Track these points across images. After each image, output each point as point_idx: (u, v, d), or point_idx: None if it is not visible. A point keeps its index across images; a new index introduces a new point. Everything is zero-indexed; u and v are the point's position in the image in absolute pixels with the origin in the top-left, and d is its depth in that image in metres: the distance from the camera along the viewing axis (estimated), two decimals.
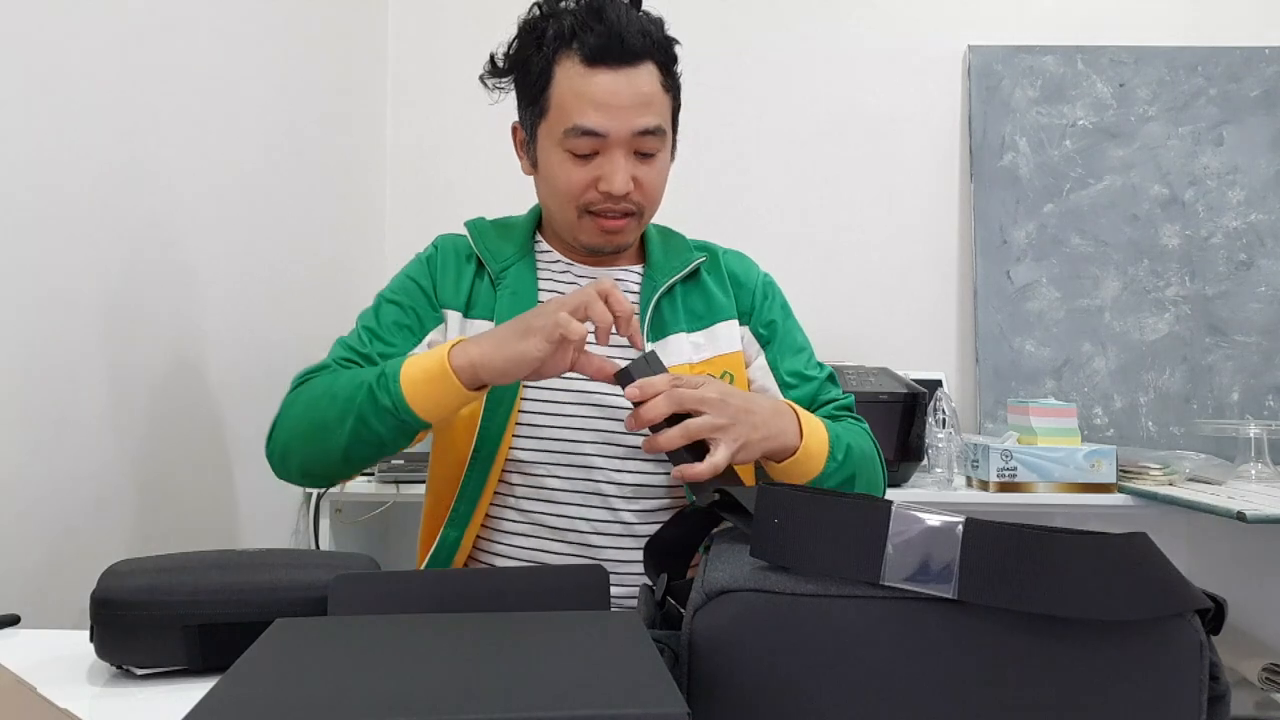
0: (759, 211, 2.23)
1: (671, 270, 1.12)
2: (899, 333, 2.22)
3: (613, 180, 1.01)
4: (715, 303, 1.12)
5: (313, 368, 1.04)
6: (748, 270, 1.18)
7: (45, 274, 1.03)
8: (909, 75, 2.27)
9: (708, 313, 1.11)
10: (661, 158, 1.06)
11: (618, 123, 1.00)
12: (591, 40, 0.99)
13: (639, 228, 1.09)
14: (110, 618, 0.67)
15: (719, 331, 1.11)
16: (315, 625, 0.53)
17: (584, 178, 1.03)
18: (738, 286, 1.15)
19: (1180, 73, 2.21)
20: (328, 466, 0.98)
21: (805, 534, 0.50)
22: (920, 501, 0.59)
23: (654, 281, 1.11)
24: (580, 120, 1.00)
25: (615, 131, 1.00)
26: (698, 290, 1.13)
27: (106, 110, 1.14)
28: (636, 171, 1.03)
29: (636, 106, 1.00)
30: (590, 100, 0.99)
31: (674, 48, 1.05)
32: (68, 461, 1.07)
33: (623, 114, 1.00)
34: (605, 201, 1.03)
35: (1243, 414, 2.10)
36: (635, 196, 1.04)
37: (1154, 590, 0.47)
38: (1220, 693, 0.49)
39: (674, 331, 1.09)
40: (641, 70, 1.01)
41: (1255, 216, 2.17)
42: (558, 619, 0.53)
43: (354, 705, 0.40)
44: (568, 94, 1.00)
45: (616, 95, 1.00)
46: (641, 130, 1.01)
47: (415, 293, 1.09)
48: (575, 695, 0.40)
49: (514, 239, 1.13)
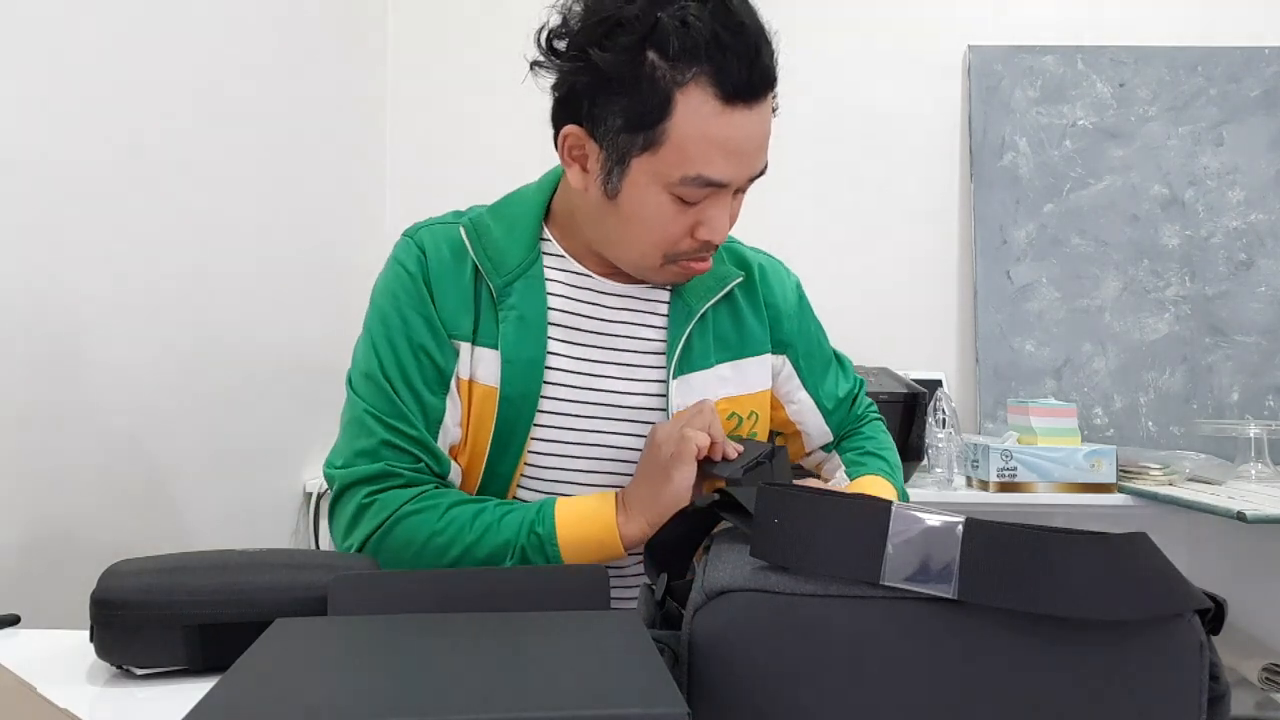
0: (758, 212, 2.23)
1: (706, 293, 0.97)
2: (899, 333, 2.22)
3: (717, 229, 0.87)
4: (749, 333, 1.00)
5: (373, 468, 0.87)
6: (781, 287, 1.05)
7: (45, 273, 1.03)
8: (909, 75, 2.27)
9: (739, 343, 1.00)
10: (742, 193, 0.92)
11: (743, 170, 0.85)
12: (735, 70, 0.79)
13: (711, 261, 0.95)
14: (110, 618, 0.67)
15: (749, 367, 1.00)
16: (315, 625, 0.53)
17: (686, 224, 0.87)
18: (773, 312, 1.03)
19: (1180, 73, 2.21)
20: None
21: (805, 534, 0.50)
22: (920, 501, 0.59)
23: (688, 308, 0.96)
24: (706, 171, 0.82)
25: (737, 180, 0.85)
26: (731, 314, 1.00)
27: (106, 110, 1.14)
28: (731, 209, 0.89)
29: (758, 150, 0.85)
30: (722, 147, 0.81)
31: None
32: (68, 461, 1.07)
33: (749, 160, 0.84)
34: (701, 249, 0.89)
35: (1243, 414, 2.10)
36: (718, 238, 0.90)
37: (1154, 590, 0.47)
38: (1220, 693, 0.49)
39: (701, 366, 0.96)
40: (767, 103, 0.84)
41: (1255, 216, 2.17)
42: (558, 619, 0.53)
43: (354, 706, 0.40)
44: (696, 135, 0.81)
45: (750, 140, 0.83)
46: (756, 175, 0.87)
47: (418, 327, 0.90)
48: (575, 695, 0.40)
49: (520, 239, 0.93)
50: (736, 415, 0.99)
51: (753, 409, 1.00)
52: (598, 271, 0.96)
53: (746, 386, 1.00)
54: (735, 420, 0.99)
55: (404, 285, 0.91)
